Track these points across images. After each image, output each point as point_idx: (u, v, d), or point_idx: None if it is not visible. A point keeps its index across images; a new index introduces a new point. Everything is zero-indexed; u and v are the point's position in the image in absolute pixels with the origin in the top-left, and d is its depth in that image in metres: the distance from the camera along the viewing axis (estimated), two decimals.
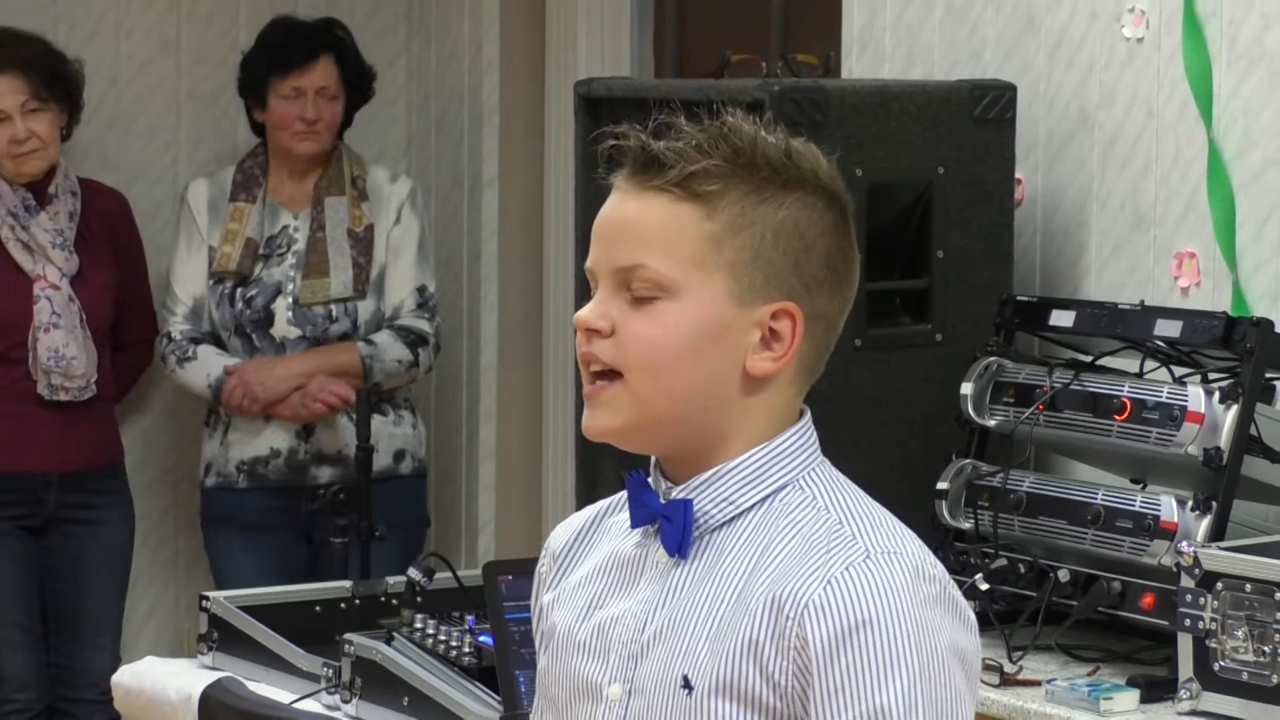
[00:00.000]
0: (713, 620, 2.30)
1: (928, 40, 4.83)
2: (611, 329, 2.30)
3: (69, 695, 5.77)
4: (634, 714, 2.34)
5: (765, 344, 2.30)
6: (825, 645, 2.22)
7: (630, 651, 2.35)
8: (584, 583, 2.44)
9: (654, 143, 2.30)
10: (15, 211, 5.62)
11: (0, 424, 5.62)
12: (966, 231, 4.35)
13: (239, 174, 5.77)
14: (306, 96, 5.69)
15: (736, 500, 2.32)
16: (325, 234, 5.70)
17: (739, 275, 2.28)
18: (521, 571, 3.88)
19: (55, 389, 5.63)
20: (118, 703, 4.49)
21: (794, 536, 2.29)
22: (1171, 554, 3.76)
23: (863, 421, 4.15)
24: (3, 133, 5.57)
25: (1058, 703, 3.70)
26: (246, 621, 4.30)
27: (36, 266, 5.63)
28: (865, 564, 2.24)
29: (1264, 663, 3.55)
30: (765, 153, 2.28)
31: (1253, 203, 4.27)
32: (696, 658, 2.29)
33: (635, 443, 2.35)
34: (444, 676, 3.94)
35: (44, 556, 5.74)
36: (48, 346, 5.60)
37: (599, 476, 4.51)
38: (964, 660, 2.26)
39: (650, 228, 2.30)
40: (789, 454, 2.33)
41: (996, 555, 4.06)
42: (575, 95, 4.67)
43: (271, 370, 5.64)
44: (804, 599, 2.24)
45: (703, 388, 2.30)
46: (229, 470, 5.75)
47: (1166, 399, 3.88)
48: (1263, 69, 4.24)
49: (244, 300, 5.69)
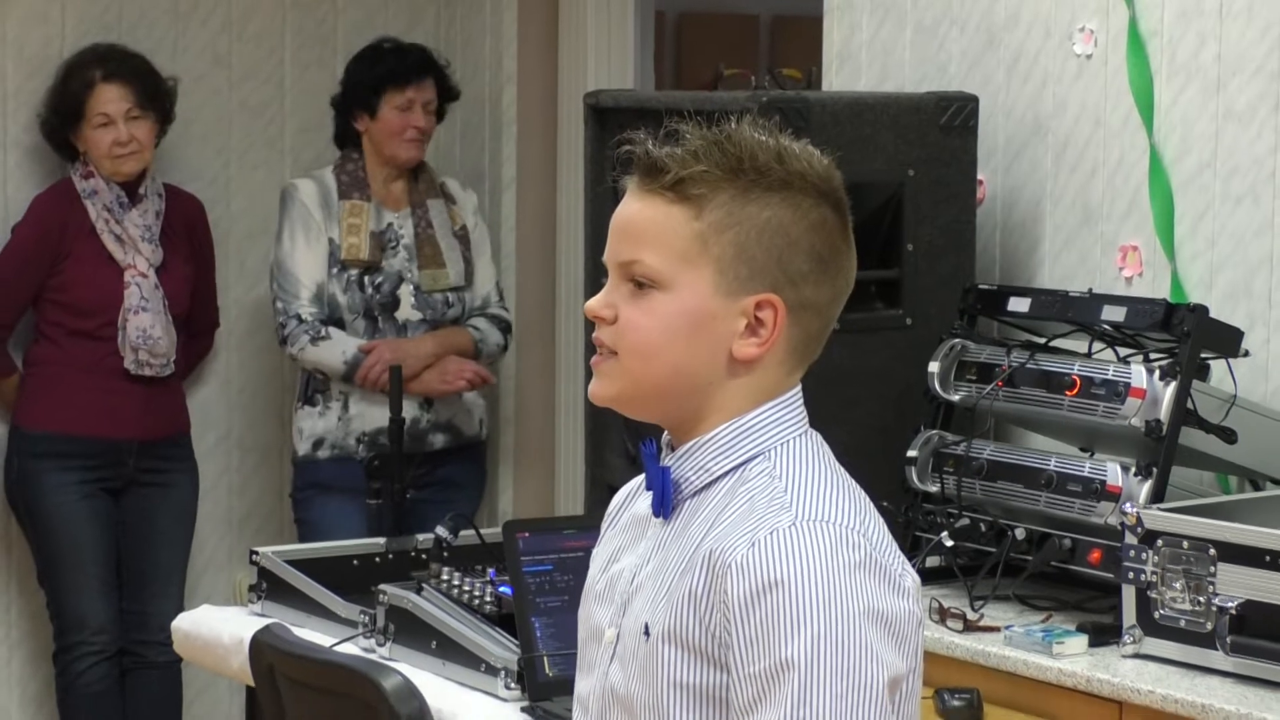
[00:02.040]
0: (673, 575, 2.29)
1: (899, 57, 4.83)
2: (614, 317, 2.31)
3: (140, 638, 5.78)
4: (619, 656, 2.35)
5: (751, 331, 2.29)
6: (742, 601, 2.21)
7: (623, 600, 2.37)
8: (614, 538, 2.46)
9: (655, 150, 2.30)
10: (111, 206, 5.65)
11: (90, 395, 5.65)
12: (933, 227, 4.35)
13: (344, 175, 5.77)
14: (416, 108, 5.74)
15: (711, 468, 2.32)
16: (434, 231, 5.75)
17: (725, 270, 2.28)
18: (537, 529, 3.89)
19: (141, 364, 5.65)
20: (177, 645, 4.50)
21: (745, 501, 2.28)
22: (1116, 514, 3.76)
23: (841, 396, 4.15)
24: (107, 135, 5.59)
25: (1015, 647, 3.70)
26: (292, 573, 4.31)
27: (127, 256, 5.65)
28: (789, 529, 2.22)
29: (1199, 611, 3.54)
30: (755, 158, 2.28)
31: (1189, 201, 4.27)
32: (656, 608, 2.29)
33: (630, 410, 2.37)
34: (468, 623, 3.94)
35: (121, 515, 5.75)
36: (136, 327, 5.62)
37: (606, 444, 4.51)
38: (885, 622, 2.21)
39: (647, 226, 2.31)
40: (762, 426, 2.32)
41: (960, 515, 4.06)
42: (585, 106, 4.67)
43: (408, 349, 5.66)
44: (729, 558, 2.23)
45: (690, 369, 2.31)
46: (348, 443, 5.73)
47: (1112, 376, 3.87)
48: (1198, 82, 4.24)
49: (373, 286, 5.72)
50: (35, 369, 5.72)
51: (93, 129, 5.62)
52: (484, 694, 3.81)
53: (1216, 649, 3.50)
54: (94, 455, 5.67)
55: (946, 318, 4.26)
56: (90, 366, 5.65)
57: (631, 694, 2.30)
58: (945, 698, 3.65)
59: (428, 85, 5.78)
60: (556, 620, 3.76)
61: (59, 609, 5.74)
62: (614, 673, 2.34)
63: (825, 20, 5.00)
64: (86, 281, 5.64)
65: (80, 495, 5.67)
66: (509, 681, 3.78)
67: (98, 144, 5.62)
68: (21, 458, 5.70)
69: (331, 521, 5.75)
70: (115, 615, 5.74)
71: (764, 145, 2.29)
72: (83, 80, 5.63)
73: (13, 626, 5.95)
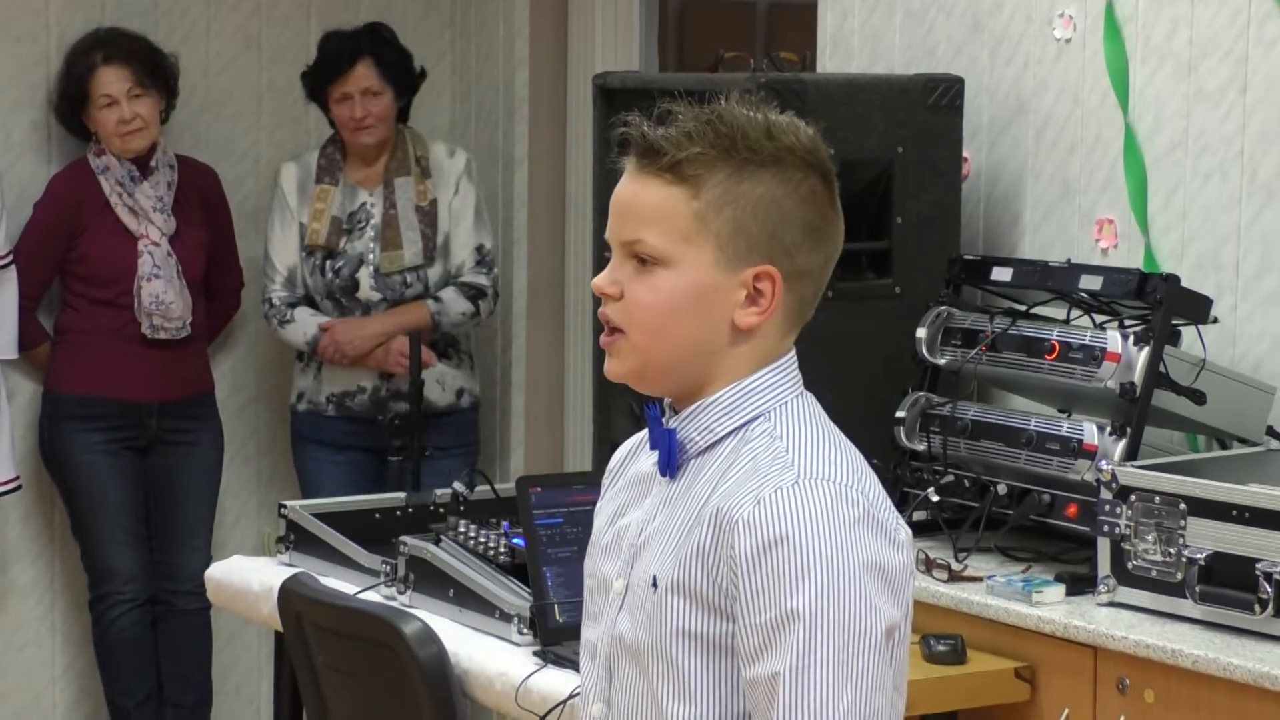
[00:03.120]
0: (681, 530, 2.30)
1: (889, 41, 4.83)
2: (620, 293, 2.31)
3: (168, 588, 5.79)
4: (627, 606, 2.35)
5: (751, 300, 2.29)
6: (749, 556, 2.21)
7: (630, 553, 2.37)
8: (618, 494, 2.45)
9: (652, 132, 2.29)
10: (122, 181, 5.64)
11: (110, 359, 5.66)
12: (921, 201, 4.35)
13: (322, 159, 5.76)
14: (354, 98, 5.66)
15: (714, 429, 2.32)
16: (397, 211, 5.69)
17: (724, 245, 2.27)
18: (547, 485, 3.90)
19: (156, 329, 5.65)
20: (210, 594, 4.51)
21: (749, 460, 2.28)
22: (1092, 471, 3.76)
23: (835, 360, 4.15)
24: (112, 114, 5.59)
25: (997, 595, 3.71)
26: (318, 526, 4.32)
27: (140, 227, 5.65)
28: (792, 487, 2.22)
29: (1169, 562, 3.55)
30: (747, 136, 2.27)
31: (1161, 177, 4.27)
32: (664, 561, 2.29)
33: (643, 386, 2.35)
34: (483, 572, 3.95)
35: (147, 472, 5.76)
36: (150, 293, 5.62)
37: (613, 405, 4.52)
38: (883, 574, 2.22)
39: (648, 207, 2.30)
40: (762, 389, 2.32)
41: (945, 472, 4.07)
42: (593, 87, 4.66)
43: (358, 330, 5.66)
44: (736, 515, 2.23)
45: (696, 340, 2.30)
46: (320, 400, 5.77)
47: (1089, 342, 3.88)
48: (1170, 65, 4.24)
49: (333, 270, 5.70)
50: (62, 336, 5.74)
51: (98, 110, 5.61)
52: (498, 639, 3.82)
53: (1186, 598, 3.51)
54: (117, 416, 5.68)
55: (933, 286, 4.26)
56: (112, 333, 5.66)
57: (639, 642, 2.30)
58: (931, 643, 3.65)
59: (362, 72, 5.66)
60: (566, 570, 3.77)
61: (91, 560, 5.76)
62: (622, 622, 2.34)
63: (819, 6, 4.99)
64: (104, 253, 5.64)
65: (106, 454, 5.69)
66: (521, 627, 3.79)
67: (104, 123, 5.61)
68: (53, 419, 5.72)
69: (306, 469, 5.83)
70: (145, 566, 5.75)
71: (754, 122, 2.28)
72: (85, 64, 5.63)
73: (55, 577, 5.97)
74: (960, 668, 3.62)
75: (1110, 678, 3.51)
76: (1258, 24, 4.08)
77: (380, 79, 5.69)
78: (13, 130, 5.80)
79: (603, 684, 2.38)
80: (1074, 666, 3.56)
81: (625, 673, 2.34)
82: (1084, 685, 3.55)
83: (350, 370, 5.68)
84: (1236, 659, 3.31)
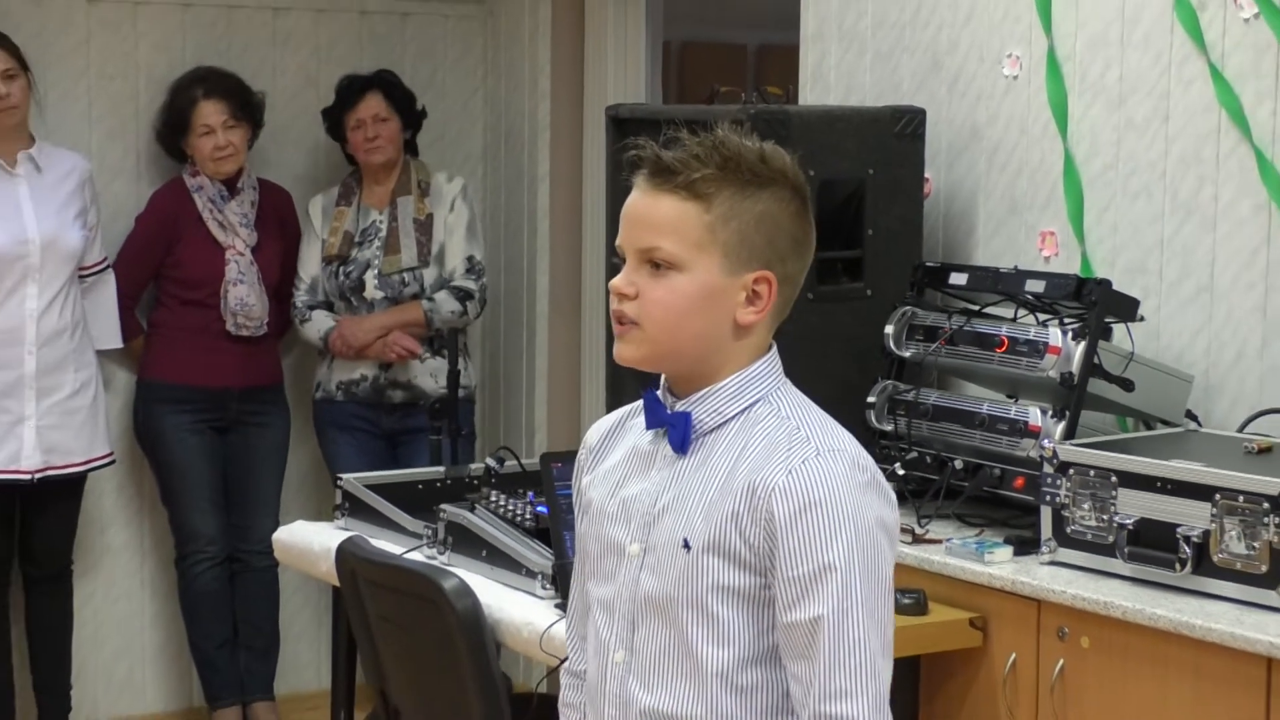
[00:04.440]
0: (706, 498, 2.31)
1: (861, 77, 4.82)
2: (636, 293, 2.32)
3: (243, 548, 5.80)
4: (648, 566, 2.35)
5: (750, 301, 2.32)
6: (786, 518, 2.24)
7: (646, 520, 2.36)
8: (613, 469, 2.45)
9: (665, 154, 2.30)
10: (214, 199, 5.66)
11: (197, 352, 5.67)
12: (889, 216, 4.34)
13: (342, 187, 5.80)
14: (366, 123, 5.70)
15: (723, 411, 2.34)
16: (398, 224, 5.71)
17: (730, 253, 2.30)
18: (567, 460, 3.89)
19: (239, 326, 5.66)
20: (277, 554, 4.52)
21: (764, 437, 2.31)
22: (1036, 449, 3.76)
23: (816, 353, 4.14)
24: (209, 141, 5.60)
25: (954, 556, 3.71)
26: (369, 495, 4.32)
27: (227, 238, 5.66)
28: (816, 459, 2.26)
29: (1103, 527, 3.55)
30: (746, 159, 2.30)
31: (1096, 196, 4.27)
32: (694, 525, 2.31)
33: (649, 367, 2.38)
34: (511, 535, 3.95)
35: (227, 449, 5.77)
36: (235, 296, 5.64)
37: (623, 390, 4.51)
38: (886, 528, 2.28)
39: (664, 219, 2.31)
40: (760, 377, 2.35)
41: (910, 450, 4.06)
42: (605, 117, 4.65)
43: (361, 325, 5.66)
44: (771, 484, 2.26)
45: (703, 334, 2.32)
46: (331, 388, 5.79)
47: (1033, 337, 3.87)
48: (1103, 99, 4.23)
49: (344, 274, 5.71)
50: (155, 330, 5.75)
51: (197, 137, 5.62)
52: (524, 593, 3.82)
53: (1117, 557, 3.51)
54: (201, 400, 5.69)
55: (900, 289, 4.25)
56: (198, 329, 5.66)
57: (670, 596, 2.32)
58: (898, 597, 3.64)
59: (372, 100, 5.71)
60: None
61: (178, 525, 5.76)
62: (646, 580, 2.34)
63: (801, 48, 4.99)
64: (196, 260, 5.65)
65: (193, 433, 5.70)
66: (544, 583, 3.79)
67: (201, 149, 5.62)
68: (145, 403, 5.73)
69: (325, 448, 5.88)
70: (223, 529, 5.76)
71: (748, 149, 2.31)
72: (187, 97, 5.64)
73: (144, 539, 5.98)
74: (922, 618, 3.62)
75: (1051, 627, 3.50)
76: (1178, 64, 4.08)
77: (388, 107, 5.74)
78: (108, 155, 5.80)
79: (625, 633, 2.38)
80: (1020, 617, 3.56)
81: (650, 623, 2.35)
82: (1029, 633, 3.54)
83: (355, 361, 5.70)
84: (1160, 610, 3.31)
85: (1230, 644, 3.18)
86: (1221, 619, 3.24)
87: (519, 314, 6.23)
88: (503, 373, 6.31)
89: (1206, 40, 4.01)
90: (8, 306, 5.32)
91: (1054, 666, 3.49)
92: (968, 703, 3.65)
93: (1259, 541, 3.30)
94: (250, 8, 5.99)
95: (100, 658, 5.92)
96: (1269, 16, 3.88)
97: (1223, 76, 3.98)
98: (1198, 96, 4.04)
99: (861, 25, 4.82)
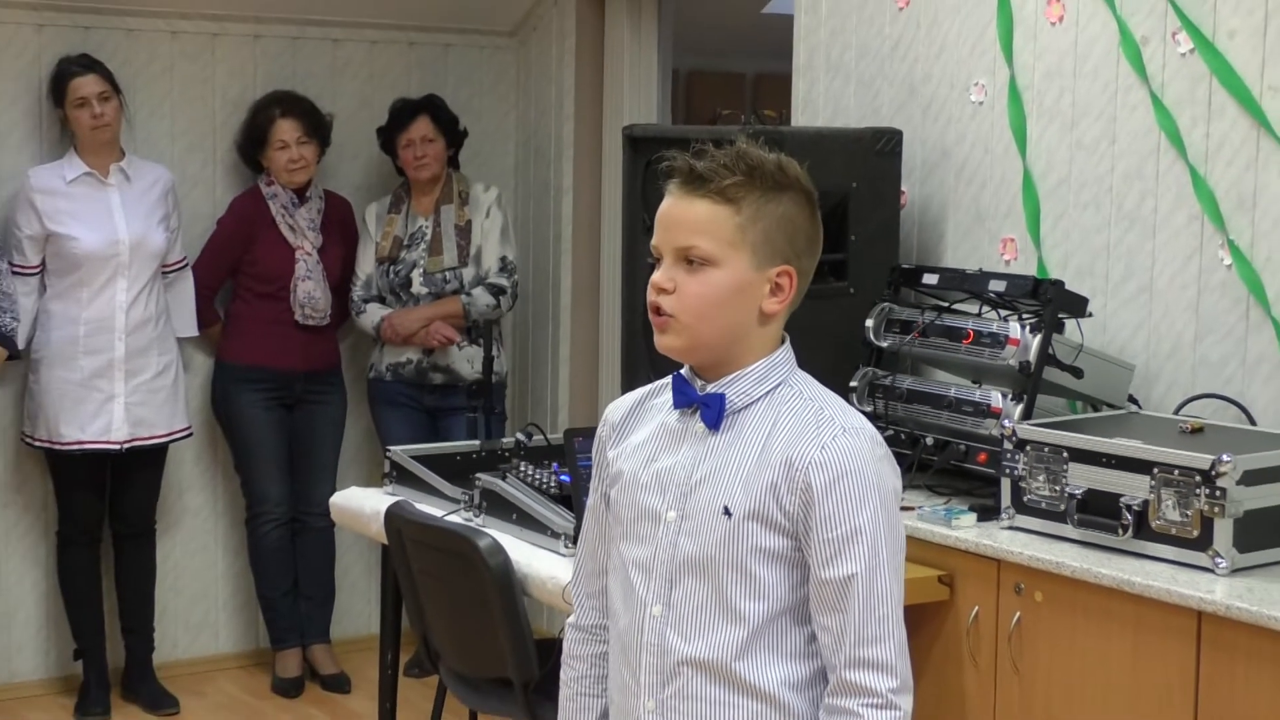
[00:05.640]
0: (744, 470, 2.31)
1: (846, 102, 4.80)
2: (674, 288, 2.31)
3: (304, 510, 5.80)
4: (685, 531, 2.34)
5: (773, 293, 2.31)
6: (822, 487, 2.25)
7: (683, 490, 2.35)
8: (642, 444, 2.43)
9: (697, 164, 2.30)
10: (286, 205, 5.67)
11: (269, 338, 5.68)
12: (870, 223, 4.32)
13: (393, 196, 5.80)
14: (415, 143, 5.70)
15: (751, 393, 2.34)
16: (440, 229, 5.71)
17: (757, 250, 2.29)
18: (587, 435, 3.88)
19: (306, 316, 5.66)
20: (334, 516, 4.51)
21: (792, 417, 2.31)
22: (998, 428, 3.74)
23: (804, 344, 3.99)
24: (284, 155, 5.62)
25: (925, 521, 3.70)
26: (413, 465, 4.31)
27: (297, 240, 5.66)
28: (844, 435, 2.27)
29: (1055, 496, 3.53)
30: (767, 168, 2.30)
31: (1050, 206, 4.25)
32: (733, 494, 2.30)
33: (687, 357, 2.37)
34: (538, 501, 3.94)
35: (292, 424, 5.77)
36: (304, 291, 5.64)
37: (635, 375, 4.50)
38: (898, 496, 2.32)
39: (699, 221, 2.30)
40: (781, 363, 2.35)
41: (887, 428, 4.05)
42: (622, 135, 4.64)
43: (408, 316, 5.67)
44: (808, 458, 2.27)
45: (734, 323, 2.32)
46: (382, 369, 5.79)
47: (995, 330, 3.86)
48: (1058, 122, 4.22)
49: (394, 273, 5.72)
50: (232, 319, 5.75)
51: (274, 151, 5.62)
52: (549, 551, 3.81)
53: (1067, 523, 3.50)
54: (271, 381, 5.69)
55: (879, 288, 4.24)
56: (271, 318, 5.67)
57: (710, 558, 2.31)
58: None
59: (421, 123, 5.71)
60: None
61: (249, 489, 5.77)
62: (684, 544, 2.33)
63: (794, 77, 4.97)
64: (269, 258, 5.65)
65: (263, 409, 5.70)
66: (566, 543, 3.78)
67: (277, 161, 5.62)
68: (222, 382, 5.74)
69: (376, 422, 5.87)
70: (287, 494, 5.77)
71: (768, 159, 2.31)
72: (266, 116, 5.64)
73: (218, 501, 5.98)
74: None
75: (1009, 583, 3.49)
76: (1123, 93, 4.06)
77: (434, 129, 5.74)
78: (188, 167, 5.80)
79: (662, 590, 2.35)
80: (982, 575, 3.55)
81: (687, 582, 2.33)
82: (990, 589, 3.53)
83: (402, 346, 5.70)
84: (1105, 569, 3.30)
85: (1166, 599, 3.17)
86: (1158, 577, 3.23)
87: (545, 308, 6.22)
88: (530, 359, 6.31)
89: (1148, 72, 4.00)
90: (100, 299, 5.34)
91: (1012, 618, 3.48)
92: (936, 649, 3.64)
93: (1191, 510, 3.29)
94: (313, 39, 5.98)
95: (179, 604, 5.93)
96: (1203, 52, 3.87)
97: (1162, 103, 3.96)
98: (1140, 121, 4.02)
99: (846, 57, 4.80)
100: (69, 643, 5.60)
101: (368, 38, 6.08)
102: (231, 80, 5.84)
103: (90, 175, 5.38)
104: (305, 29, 5.95)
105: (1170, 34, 3.94)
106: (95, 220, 5.34)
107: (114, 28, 5.64)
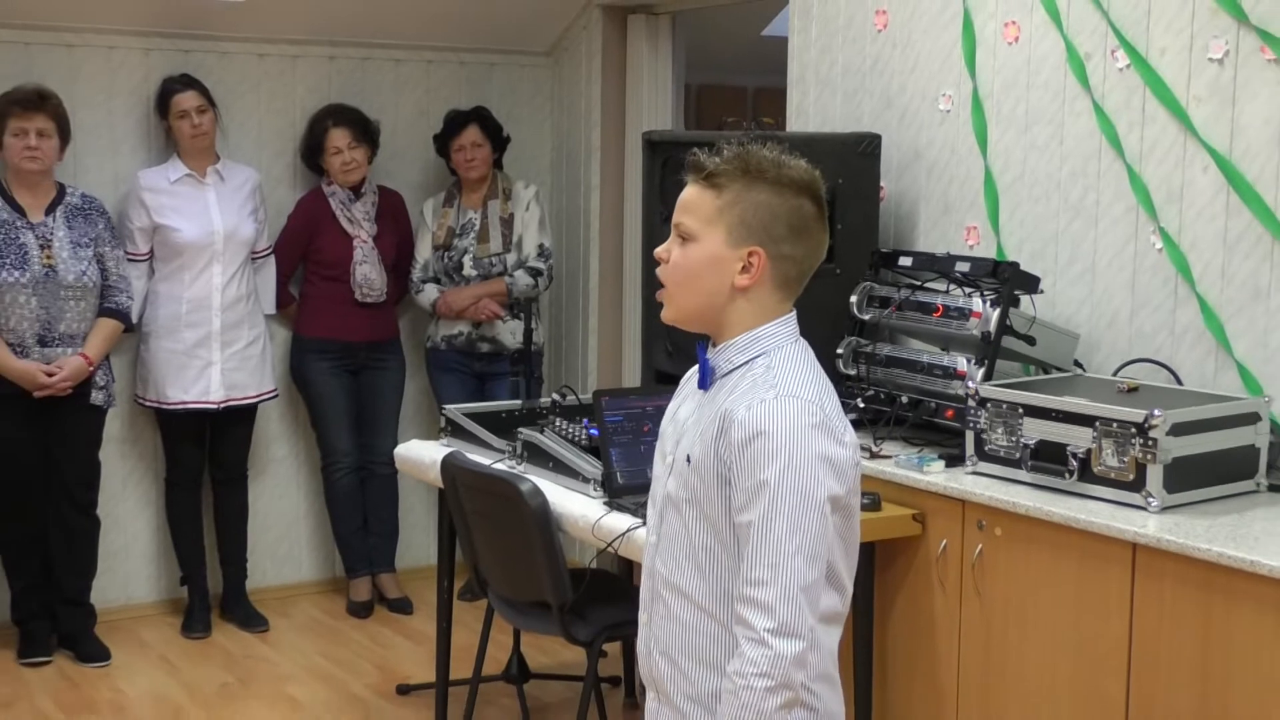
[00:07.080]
0: (702, 426, 2.28)
1: (833, 111, 4.78)
2: (668, 259, 2.29)
3: (371, 460, 5.80)
4: (674, 473, 2.34)
5: (745, 270, 2.26)
6: (740, 443, 2.19)
7: (676, 438, 2.35)
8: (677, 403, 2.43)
9: (703, 158, 2.27)
10: (344, 202, 5.65)
11: (335, 315, 5.67)
12: (854, 214, 4.31)
13: (446, 193, 5.78)
14: (466, 148, 5.68)
15: (732, 360, 2.30)
16: (488, 220, 5.70)
17: (731, 230, 2.25)
18: (613, 395, 3.89)
19: (365, 295, 5.65)
20: (397, 464, 4.52)
21: (750, 381, 2.25)
22: (963, 388, 3.74)
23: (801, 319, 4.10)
24: (338, 159, 5.59)
25: (901, 467, 3.69)
26: (466, 420, 4.31)
27: (354, 230, 5.64)
28: (774, 400, 2.19)
29: (1012, 446, 3.53)
30: (760, 164, 2.25)
31: (1007, 199, 4.23)
32: (693, 446, 2.28)
33: (683, 324, 2.34)
34: (571, 451, 3.95)
35: (357, 387, 5.76)
36: (361, 273, 5.63)
37: (654, 346, 4.50)
38: (830, 462, 2.19)
39: (688, 201, 2.29)
40: (765, 336, 2.29)
41: (868, 389, 4.05)
42: (642, 140, 4.63)
43: (459, 294, 5.66)
44: (734, 415, 2.21)
45: (710, 292, 2.27)
46: (437, 340, 5.79)
47: (961, 304, 3.85)
48: (1014, 128, 4.20)
49: (448, 258, 5.70)
50: (304, 299, 5.75)
51: (329, 156, 5.61)
52: (580, 494, 3.82)
53: (1022, 469, 3.49)
54: (338, 350, 5.68)
55: (862, 269, 4.23)
56: (335, 298, 5.66)
57: (680, 497, 2.30)
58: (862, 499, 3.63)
59: (471, 131, 5.68)
60: (625, 451, 3.76)
61: (324, 442, 5.77)
62: (671, 484, 2.33)
63: (788, 90, 4.95)
64: (332, 247, 5.65)
65: (333, 375, 5.70)
66: (595, 487, 3.78)
67: (333, 165, 5.61)
68: (298, 352, 5.74)
69: (433, 384, 5.85)
70: (356, 446, 5.77)
71: (768, 157, 2.25)
72: (321, 126, 5.63)
73: (298, 453, 5.98)
74: (877, 513, 3.61)
75: (973, 520, 3.49)
76: (1070, 101, 4.04)
77: (482, 135, 5.72)
78: (273, 169, 5.79)
79: (656, 523, 2.37)
80: (950, 513, 3.54)
81: (669, 517, 2.33)
82: (956, 525, 3.53)
83: (455, 320, 5.70)
84: (1054, 508, 3.29)
85: (1105, 533, 3.17)
86: (1099, 514, 3.22)
87: (576, 288, 6.21)
88: (564, 331, 6.30)
89: (1091, 83, 3.97)
90: (200, 282, 5.35)
91: (975, 550, 3.48)
92: (909, 577, 3.64)
93: (1127, 457, 3.28)
94: (378, 59, 5.97)
95: (267, 540, 5.94)
96: (1138, 67, 3.84)
97: (1103, 111, 3.94)
98: (1084, 126, 4.00)
99: (834, 73, 4.78)
100: (176, 571, 5.63)
101: (425, 58, 6.06)
102: (309, 95, 5.83)
103: (190, 176, 5.39)
104: (372, 51, 5.94)
105: (1110, 51, 3.92)
106: (194, 214, 5.35)
107: (210, 51, 5.64)
